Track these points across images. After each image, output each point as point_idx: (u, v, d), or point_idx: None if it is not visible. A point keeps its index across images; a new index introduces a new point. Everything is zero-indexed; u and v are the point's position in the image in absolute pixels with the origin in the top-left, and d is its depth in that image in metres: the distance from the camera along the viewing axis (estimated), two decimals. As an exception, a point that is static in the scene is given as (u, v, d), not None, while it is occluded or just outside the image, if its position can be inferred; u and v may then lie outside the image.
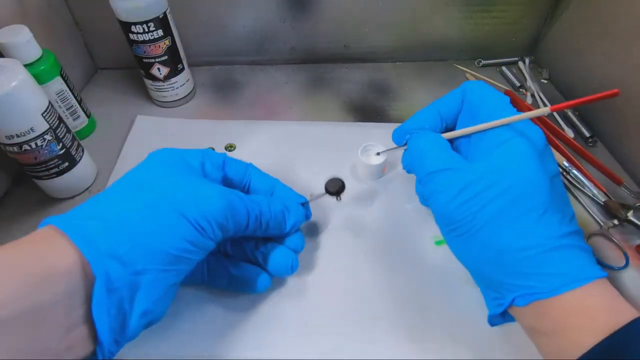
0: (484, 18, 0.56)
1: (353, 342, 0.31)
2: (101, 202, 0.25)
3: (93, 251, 0.22)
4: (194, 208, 0.26)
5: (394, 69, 0.59)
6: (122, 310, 0.23)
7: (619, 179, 0.43)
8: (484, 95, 0.30)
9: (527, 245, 0.24)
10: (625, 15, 0.44)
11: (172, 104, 0.53)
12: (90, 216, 0.24)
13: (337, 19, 0.56)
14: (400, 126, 0.33)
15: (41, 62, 0.42)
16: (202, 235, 0.26)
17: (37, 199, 0.42)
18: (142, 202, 0.25)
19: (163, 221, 0.25)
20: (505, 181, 0.25)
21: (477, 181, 0.26)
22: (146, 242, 0.24)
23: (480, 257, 0.26)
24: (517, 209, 0.25)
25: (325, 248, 0.37)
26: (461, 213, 0.26)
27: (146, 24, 0.44)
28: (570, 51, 0.53)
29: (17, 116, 0.34)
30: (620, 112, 0.45)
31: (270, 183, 0.35)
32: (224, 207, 0.27)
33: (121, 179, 0.28)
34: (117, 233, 0.23)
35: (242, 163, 0.34)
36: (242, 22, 0.56)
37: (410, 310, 0.33)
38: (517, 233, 0.25)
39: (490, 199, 0.25)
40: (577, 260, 0.24)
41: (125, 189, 0.27)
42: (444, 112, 0.32)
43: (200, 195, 0.26)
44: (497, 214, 0.25)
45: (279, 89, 0.56)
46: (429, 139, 0.31)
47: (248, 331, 0.32)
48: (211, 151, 0.33)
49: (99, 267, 0.21)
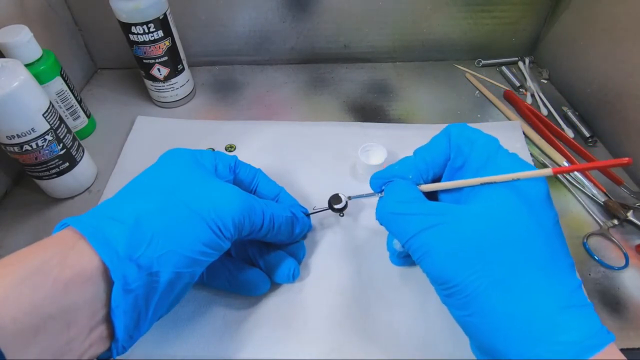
0: (484, 18, 0.56)
1: (353, 342, 0.31)
2: (119, 203, 0.25)
3: (112, 255, 0.22)
4: (212, 210, 0.26)
5: (394, 69, 0.59)
6: (137, 309, 0.23)
7: (619, 179, 0.43)
8: (472, 139, 0.28)
9: (536, 308, 0.22)
10: (625, 15, 0.44)
11: (172, 105, 0.53)
12: (109, 216, 0.24)
13: (337, 19, 0.56)
14: (379, 172, 0.30)
15: (41, 62, 0.42)
16: (219, 237, 0.26)
17: (37, 199, 0.42)
18: (160, 203, 0.25)
19: (181, 224, 0.25)
20: (510, 233, 0.23)
21: (476, 235, 0.23)
22: (164, 245, 0.24)
23: (482, 323, 0.23)
24: (524, 268, 0.22)
25: (324, 248, 0.37)
26: (459, 274, 0.23)
27: (146, 25, 0.44)
28: (570, 51, 0.53)
29: (18, 116, 0.34)
30: (620, 112, 0.45)
31: (276, 190, 0.35)
32: (241, 207, 0.27)
33: (137, 178, 0.28)
34: (135, 236, 0.23)
35: (252, 168, 0.35)
36: (242, 22, 0.56)
37: (409, 310, 0.33)
38: (526, 295, 0.22)
39: (495, 256, 0.23)
40: (587, 324, 0.22)
41: (142, 189, 0.27)
42: (431, 159, 0.29)
43: (217, 196, 0.27)
44: (504, 273, 0.22)
45: (279, 89, 0.56)
46: (407, 189, 0.28)
47: (248, 331, 0.32)
48: (222, 153, 0.33)
49: (117, 271, 0.22)
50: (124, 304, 0.22)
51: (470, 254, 0.23)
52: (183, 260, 0.24)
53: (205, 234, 0.25)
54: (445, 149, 0.29)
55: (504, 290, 0.22)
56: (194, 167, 0.29)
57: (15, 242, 0.39)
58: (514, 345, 0.22)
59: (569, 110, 0.51)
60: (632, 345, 0.32)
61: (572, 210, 0.41)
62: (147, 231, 0.24)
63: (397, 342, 0.31)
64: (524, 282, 0.22)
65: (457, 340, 0.31)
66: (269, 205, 0.31)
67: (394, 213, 0.27)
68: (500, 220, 0.24)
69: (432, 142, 0.30)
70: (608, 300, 0.34)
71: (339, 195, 0.36)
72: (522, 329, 0.22)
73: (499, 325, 0.22)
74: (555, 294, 0.22)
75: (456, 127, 0.29)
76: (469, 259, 0.23)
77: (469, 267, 0.23)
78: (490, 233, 0.23)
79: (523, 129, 0.48)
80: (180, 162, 0.29)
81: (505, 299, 0.22)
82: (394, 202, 0.27)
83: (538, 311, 0.22)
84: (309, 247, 0.37)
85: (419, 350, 0.31)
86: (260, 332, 0.32)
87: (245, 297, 0.33)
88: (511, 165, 0.26)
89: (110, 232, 0.23)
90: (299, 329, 0.32)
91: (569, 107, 0.52)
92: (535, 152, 0.46)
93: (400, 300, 0.33)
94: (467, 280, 0.23)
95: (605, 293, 0.35)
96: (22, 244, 0.38)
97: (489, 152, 0.27)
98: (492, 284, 0.22)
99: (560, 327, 0.21)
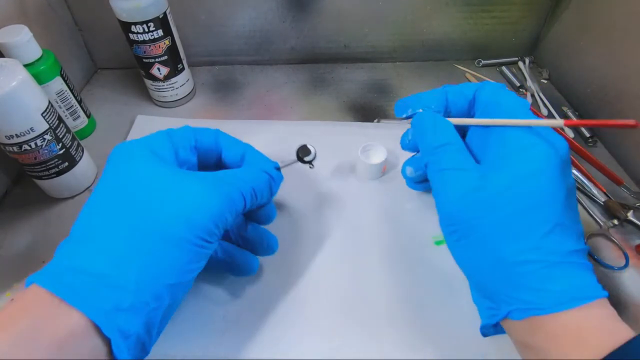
0: (484, 18, 0.56)
1: (353, 342, 0.31)
2: (85, 246, 0.22)
3: (99, 313, 0.20)
4: (191, 225, 0.23)
5: (394, 69, 0.59)
6: (141, 341, 0.22)
7: (619, 179, 0.43)
8: (501, 96, 0.28)
9: (531, 259, 0.23)
10: (625, 15, 0.44)
11: (172, 104, 0.53)
12: (81, 270, 0.21)
13: (337, 19, 0.56)
14: (404, 98, 0.31)
15: (41, 62, 0.42)
16: (205, 247, 0.25)
17: (37, 199, 0.42)
18: (132, 239, 0.22)
19: (163, 258, 0.23)
20: (521, 189, 0.24)
21: (490, 184, 0.25)
22: (151, 285, 0.22)
23: (480, 264, 0.25)
24: (526, 220, 0.24)
25: (325, 248, 0.37)
26: (467, 214, 0.25)
27: (146, 24, 0.44)
28: (570, 51, 0.53)
29: (17, 116, 0.34)
30: (620, 112, 0.45)
31: (241, 149, 0.32)
32: (220, 207, 0.25)
33: (94, 200, 0.25)
34: (116, 288, 0.21)
35: (211, 132, 0.31)
36: (242, 22, 0.56)
37: (410, 309, 0.33)
38: (522, 245, 0.24)
39: (501, 205, 0.24)
40: (579, 278, 0.23)
41: (103, 218, 0.23)
42: (453, 99, 0.30)
43: (191, 205, 0.24)
44: (505, 221, 0.24)
45: (279, 89, 0.56)
46: (439, 122, 0.29)
47: (248, 331, 0.32)
48: (178, 132, 0.29)
49: (110, 327, 0.20)
50: (127, 346, 0.21)
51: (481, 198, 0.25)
52: (176, 286, 0.23)
53: (191, 253, 0.24)
54: (470, 95, 0.30)
55: (503, 237, 0.24)
56: (152, 166, 0.25)
57: (15, 242, 0.39)
58: (504, 288, 0.24)
59: (569, 110, 0.51)
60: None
61: (572, 210, 0.41)
62: (129, 278, 0.21)
63: (397, 342, 0.31)
64: (523, 233, 0.24)
65: (457, 340, 0.31)
66: (245, 180, 0.28)
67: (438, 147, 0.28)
68: (515, 177, 0.24)
69: (461, 85, 0.30)
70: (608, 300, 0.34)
71: (306, 146, 0.35)
72: (512, 275, 0.24)
73: (492, 269, 0.24)
74: (555, 248, 0.23)
75: (489, 83, 0.30)
76: (479, 201, 0.25)
77: (477, 209, 0.25)
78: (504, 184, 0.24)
79: (523, 128, 0.48)
80: (135, 165, 0.25)
81: (502, 245, 0.24)
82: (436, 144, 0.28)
83: (531, 260, 0.23)
84: (309, 247, 0.37)
85: (420, 350, 0.31)
86: (261, 332, 0.32)
87: (245, 297, 0.33)
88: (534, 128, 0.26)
89: (89, 289, 0.21)
90: (299, 329, 0.32)
91: (569, 107, 0.52)
92: (536, 152, 0.46)
93: (401, 299, 0.33)
94: (473, 221, 0.25)
95: (606, 293, 0.35)
96: (22, 244, 0.38)
97: (516, 108, 0.27)
98: (493, 229, 0.24)
99: (552, 278, 0.23)
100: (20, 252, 0.38)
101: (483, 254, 0.25)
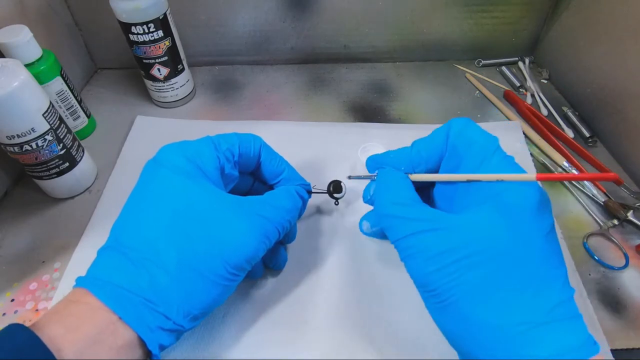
0: (484, 18, 0.56)
1: (353, 342, 0.31)
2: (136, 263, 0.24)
3: (146, 332, 0.23)
4: (227, 263, 0.25)
5: (394, 69, 0.59)
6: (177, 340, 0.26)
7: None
8: (470, 138, 0.27)
9: (512, 322, 0.22)
10: (625, 15, 0.44)
11: (172, 105, 0.53)
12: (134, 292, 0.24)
13: (337, 19, 0.56)
14: (376, 155, 0.32)
15: (41, 62, 0.42)
16: (234, 281, 0.27)
17: (37, 199, 0.42)
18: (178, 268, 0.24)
19: (200, 290, 0.25)
20: (492, 245, 0.23)
21: (458, 245, 0.23)
22: (187, 313, 0.25)
23: (458, 330, 0.24)
24: (502, 280, 0.22)
25: (325, 248, 0.37)
26: (438, 280, 0.23)
27: (146, 25, 0.44)
28: (570, 51, 0.53)
29: (18, 116, 0.34)
30: (620, 112, 0.45)
31: (281, 168, 0.33)
32: (257, 247, 0.27)
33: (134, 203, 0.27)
34: (161, 313, 0.24)
35: (255, 143, 0.32)
36: (242, 22, 0.56)
37: (409, 309, 0.33)
38: (502, 307, 0.22)
39: (472, 266, 0.23)
40: (568, 338, 0.21)
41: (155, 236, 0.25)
42: (426, 153, 0.29)
43: (232, 246, 0.26)
44: (480, 284, 0.22)
45: (279, 89, 0.56)
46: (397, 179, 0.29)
47: (248, 331, 0.32)
48: (225, 144, 0.30)
49: (153, 343, 0.24)
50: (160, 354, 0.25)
51: (449, 262, 0.23)
52: (208, 309, 0.26)
53: (221, 287, 0.26)
54: (442, 146, 0.29)
55: (479, 300, 0.22)
56: (197, 190, 0.26)
57: (15, 242, 0.39)
58: (487, 355, 0.22)
59: (569, 110, 0.51)
60: (632, 345, 0.32)
61: (572, 210, 0.41)
62: (171, 310, 0.24)
63: (397, 342, 0.31)
64: (500, 295, 0.22)
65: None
66: (283, 214, 0.29)
67: (388, 215, 0.27)
68: (484, 232, 0.23)
69: (431, 137, 0.30)
70: (608, 301, 0.34)
71: (340, 184, 0.36)
72: (494, 341, 0.22)
73: (472, 334, 0.23)
74: (534, 308, 0.22)
75: (457, 123, 0.28)
76: (447, 266, 0.23)
77: (447, 274, 0.23)
78: (473, 244, 0.23)
79: (523, 129, 0.48)
80: (181, 183, 0.26)
81: (479, 309, 0.22)
82: (390, 203, 0.27)
83: (511, 325, 0.22)
84: (310, 247, 0.37)
85: (420, 351, 0.31)
86: (261, 333, 0.32)
87: (245, 297, 0.33)
88: (504, 170, 0.25)
89: (140, 311, 0.23)
90: (299, 330, 0.32)
91: (569, 107, 0.52)
92: (535, 152, 0.46)
93: (400, 300, 0.33)
94: (444, 287, 0.23)
95: (605, 293, 0.35)
96: (22, 244, 0.38)
97: (484, 155, 0.26)
98: (467, 293, 0.23)
99: (539, 342, 0.21)
100: (20, 252, 0.38)
101: (459, 320, 0.23)
